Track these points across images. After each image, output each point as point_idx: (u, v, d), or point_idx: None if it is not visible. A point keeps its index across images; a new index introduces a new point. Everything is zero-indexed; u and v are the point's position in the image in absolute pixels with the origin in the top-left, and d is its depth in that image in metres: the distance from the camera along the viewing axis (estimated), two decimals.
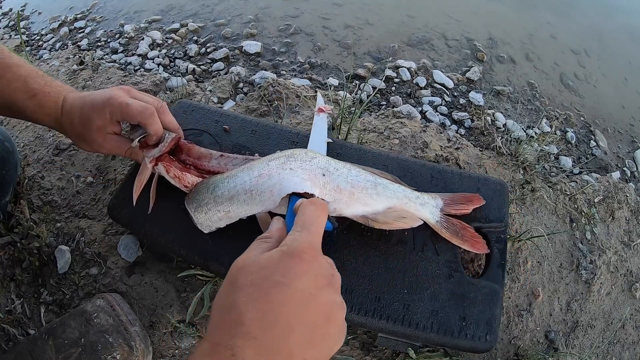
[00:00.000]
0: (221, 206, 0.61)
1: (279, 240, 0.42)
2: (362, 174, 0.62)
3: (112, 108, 0.60)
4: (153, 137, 0.63)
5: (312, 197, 0.53)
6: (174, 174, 0.65)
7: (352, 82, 1.23)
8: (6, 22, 1.61)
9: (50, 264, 0.76)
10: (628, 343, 0.82)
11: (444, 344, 0.60)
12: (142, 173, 0.64)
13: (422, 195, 0.64)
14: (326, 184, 0.59)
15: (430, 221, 0.63)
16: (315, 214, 0.41)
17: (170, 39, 1.39)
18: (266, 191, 0.59)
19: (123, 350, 0.63)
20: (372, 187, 0.61)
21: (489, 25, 1.57)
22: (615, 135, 1.29)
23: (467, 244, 0.63)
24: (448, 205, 0.65)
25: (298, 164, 0.60)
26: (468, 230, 0.64)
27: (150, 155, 0.63)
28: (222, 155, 0.68)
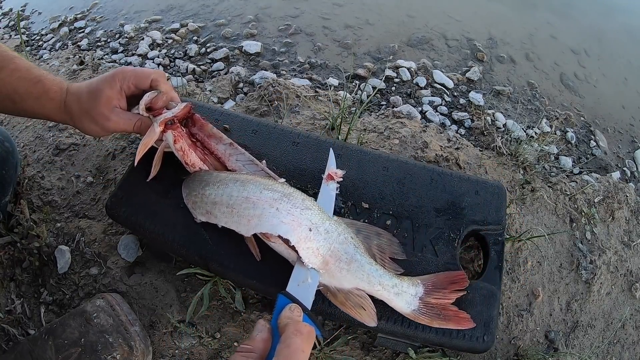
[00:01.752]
0: (205, 205, 0.61)
1: (262, 354, 0.40)
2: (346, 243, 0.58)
3: (123, 74, 0.60)
4: (163, 97, 0.61)
5: (296, 306, 0.46)
6: (181, 147, 0.63)
7: (352, 82, 1.23)
8: (6, 22, 1.61)
9: (50, 264, 0.76)
10: (628, 343, 0.82)
11: (443, 344, 0.61)
12: (149, 135, 0.61)
13: (402, 282, 0.58)
14: (308, 240, 0.56)
15: (405, 311, 0.58)
16: (300, 347, 0.39)
17: (170, 39, 1.39)
18: (244, 216, 0.58)
19: (123, 350, 0.63)
20: (345, 263, 0.57)
21: (489, 25, 1.57)
22: (615, 135, 1.29)
23: (451, 323, 0.58)
24: (429, 292, 0.59)
25: (287, 207, 0.57)
26: (449, 310, 0.59)
27: (161, 117, 0.61)
28: (231, 144, 0.67)
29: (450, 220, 0.69)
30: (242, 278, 0.63)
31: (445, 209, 0.70)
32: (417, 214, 0.69)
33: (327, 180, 0.67)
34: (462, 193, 0.72)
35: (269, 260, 0.62)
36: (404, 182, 0.72)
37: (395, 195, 0.71)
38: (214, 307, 0.73)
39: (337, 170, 0.69)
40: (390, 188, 0.72)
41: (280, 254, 0.60)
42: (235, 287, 0.72)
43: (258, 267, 0.62)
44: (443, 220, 0.69)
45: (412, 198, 0.71)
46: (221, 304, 0.73)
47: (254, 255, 0.61)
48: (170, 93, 0.62)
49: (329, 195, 0.66)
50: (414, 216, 0.68)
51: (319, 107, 1.04)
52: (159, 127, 0.61)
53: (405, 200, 0.70)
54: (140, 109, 0.62)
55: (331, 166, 0.69)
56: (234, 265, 0.63)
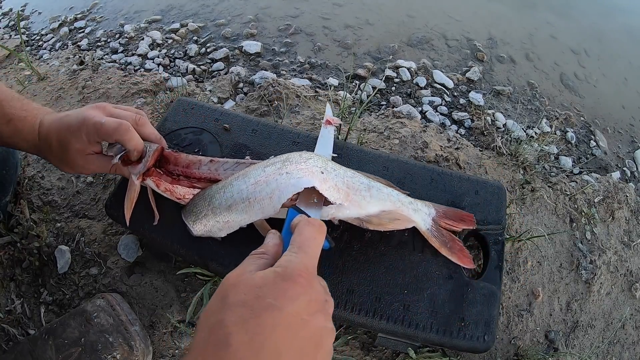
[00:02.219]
0: (220, 217, 0.60)
1: (274, 257, 0.41)
2: (357, 176, 0.62)
3: (87, 129, 0.58)
4: (134, 153, 0.61)
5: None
6: (165, 188, 0.64)
7: (352, 82, 1.23)
8: (6, 22, 1.61)
9: (50, 264, 0.76)
10: (628, 343, 0.82)
11: (443, 344, 0.61)
12: (131, 190, 0.62)
13: (416, 201, 0.64)
14: (325, 181, 0.58)
15: (422, 227, 0.64)
16: (312, 235, 0.40)
17: (170, 39, 1.39)
18: (265, 198, 0.58)
19: (123, 350, 0.63)
20: (365, 190, 0.61)
21: (489, 25, 1.57)
22: (615, 135, 1.29)
23: (454, 256, 0.63)
24: (441, 216, 0.65)
25: (294, 167, 0.59)
26: (457, 243, 0.64)
27: (136, 171, 0.62)
28: (211, 161, 0.66)
29: None
30: None
31: None
32: None
33: (326, 125, 0.76)
34: (462, 193, 0.72)
35: None
36: (404, 182, 0.72)
37: None
38: None
39: (334, 117, 0.78)
40: None
41: None
42: None
43: None
44: None
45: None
46: None
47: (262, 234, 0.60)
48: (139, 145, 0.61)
49: (328, 136, 0.74)
50: None
51: (319, 107, 1.04)
52: (137, 181, 0.62)
53: None
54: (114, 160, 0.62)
55: (328, 114, 0.79)
56: (234, 265, 0.62)
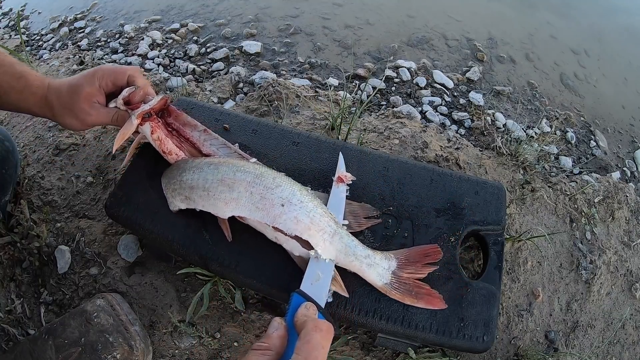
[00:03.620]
0: (183, 191, 0.63)
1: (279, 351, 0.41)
2: (325, 217, 0.60)
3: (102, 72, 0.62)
4: (140, 91, 0.64)
5: (311, 304, 0.48)
6: (158, 137, 0.66)
7: (352, 82, 1.23)
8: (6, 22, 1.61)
9: (50, 264, 0.76)
10: (628, 343, 0.82)
11: (443, 344, 0.61)
12: (127, 127, 0.64)
13: (374, 254, 0.60)
14: (283, 214, 0.59)
15: (377, 284, 0.59)
16: (320, 343, 0.40)
17: (170, 39, 1.39)
18: (220, 199, 0.61)
19: (123, 350, 0.63)
20: (329, 234, 0.59)
21: (489, 25, 1.57)
22: (615, 135, 1.29)
23: (421, 302, 0.59)
24: (402, 266, 0.60)
25: (260, 190, 0.60)
26: (422, 288, 0.60)
27: (138, 111, 0.64)
28: (205, 131, 0.70)
29: (450, 220, 0.69)
30: (242, 278, 0.63)
31: (445, 209, 0.70)
32: (417, 214, 0.69)
33: (337, 183, 0.68)
34: (462, 193, 0.72)
35: (269, 260, 0.63)
36: (404, 182, 0.72)
37: (395, 195, 0.71)
38: (214, 307, 0.73)
39: (346, 173, 0.70)
40: (390, 188, 0.72)
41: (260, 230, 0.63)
42: (235, 287, 0.72)
43: (258, 267, 0.62)
44: (443, 220, 0.69)
45: (412, 198, 0.71)
46: (221, 304, 0.73)
47: (226, 237, 0.63)
48: (146, 88, 0.65)
49: (339, 197, 0.67)
50: (414, 216, 0.69)
51: (319, 107, 1.04)
52: (136, 120, 0.64)
53: (405, 200, 0.70)
54: (118, 103, 0.65)
55: (341, 169, 0.71)
56: (234, 265, 0.63)
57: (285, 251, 0.62)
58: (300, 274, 0.57)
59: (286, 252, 0.62)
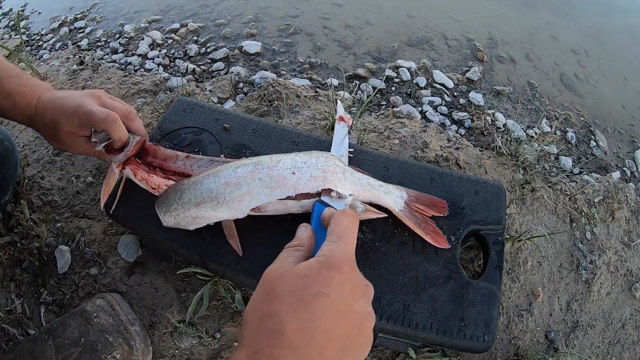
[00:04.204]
0: (189, 212, 0.61)
1: (309, 248, 0.43)
2: (331, 160, 0.64)
3: (79, 115, 0.63)
4: (117, 143, 0.65)
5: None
6: (141, 177, 0.67)
7: (352, 82, 1.23)
8: (6, 22, 1.61)
9: (50, 264, 0.76)
10: (628, 343, 0.82)
11: (443, 344, 0.61)
12: (109, 177, 0.67)
13: (387, 185, 0.66)
14: (299, 180, 0.61)
15: (394, 209, 0.65)
16: (349, 225, 0.42)
17: (170, 39, 1.39)
18: (234, 200, 0.60)
19: (123, 350, 0.63)
20: (341, 172, 0.63)
21: (489, 25, 1.57)
22: (615, 135, 1.29)
23: (429, 236, 0.65)
24: (412, 200, 0.67)
25: (266, 172, 0.61)
26: (430, 224, 0.66)
27: (116, 160, 0.66)
28: (187, 157, 0.70)
29: (451, 220, 0.69)
30: (242, 278, 0.63)
31: None
32: None
33: (339, 122, 0.80)
34: (462, 193, 0.72)
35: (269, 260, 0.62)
36: (404, 182, 0.72)
37: None
38: (214, 307, 0.73)
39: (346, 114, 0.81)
40: None
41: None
42: (235, 287, 0.72)
43: (258, 267, 0.62)
44: (443, 220, 0.69)
45: None
46: (221, 304, 0.73)
47: (237, 252, 0.63)
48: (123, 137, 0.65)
49: (342, 133, 0.77)
50: None
51: (319, 107, 1.04)
52: (117, 169, 0.66)
53: None
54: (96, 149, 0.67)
55: (340, 111, 0.83)
56: (234, 265, 0.63)
57: None
58: None
59: None
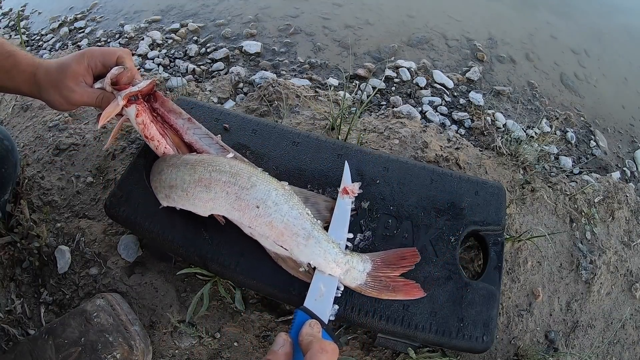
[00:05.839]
0: (164, 189, 0.65)
1: None
2: (301, 219, 0.59)
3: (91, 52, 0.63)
4: (128, 73, 0.64)
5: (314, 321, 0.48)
6: (143, 120, 0.66)
7: (352, 82, 1.23)
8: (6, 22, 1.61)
9: (50, 264, 0.76)
10: (628, 343, 0.82)
11: (442, 345, 0.61)
12: (112, 107, 0.64)
13: (352, 258, 0.59)
14: (258, 217, 0.59)
15: (350, 285, 0.59)
16: None
17: (170, 39, 1.39)
18: (199, 199, 0.62)
19: (123, 350, 0.63)
20: (304, 238, 0.59)
21: (489, 25, 1.57)
22: (615, 135, 1.29)
23: (400, 294, 0.59)
24: (377, 267, 0.60)
25: (235, 190, 0.61)
26: (398, 281, 0.60)
27: (125, 92, 0.64)
28: (189, 119, 0.71)
29: (450, 220, 0.69)
30: (242, 278, 0.63)
31: (445, 209, 0.70)
32: (417, 214, 0.69)
33: (343, 195, 0.67)
34: (462, 193, 0.72)
35: (269, 261, 0.63)
36: (404, 182, 0.72)
37: (395, 195, 0.71)
38: (214, 307, 0.73)
39: (353, 185, 0.68)
40: (390, 188, 0.72)
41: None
42: (235, 287, 0.72)
43: (258, 267, 0.62)
44: (443, 220, 0.69)
45: (412, 198, 0.71)
46: (221, 304, 0.73)
47: (219, 222, 0.64)
48: (134, 70, 0.65)
49: (344, 209, 0.66)
50: (414, 216, 0.68)
51: (319, 107, 1.04)
52: (122, 100, 0.64)
53: (405, 200, 0.70)
54: (105, 82, 0.64)
55: (346, 180, 0.69)
56: (234, 265, 0.63)
57: None
58: None
59: None
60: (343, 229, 0.64)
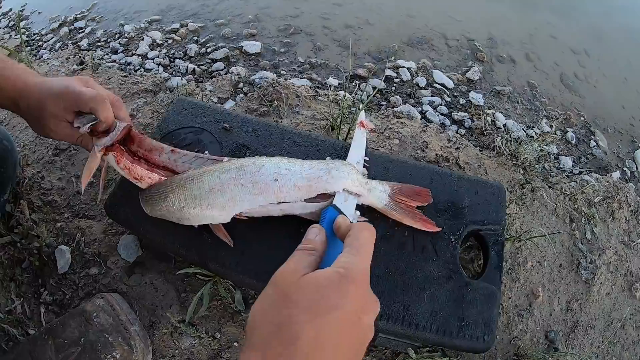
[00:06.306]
0: (173, 214, 0.62)
1: (322, 254, 0.44)
2: (314, 166, 0.63)
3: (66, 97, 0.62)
4: (103, 124, 0.63)
5: None
6: (124, 165, 0.64)
7: (352, 82, 1.23)
8: (6, 22, 1.61)
9: (50, 264, 0.76)
10: (628, 343, 0.82)
11: (443, 344, 0.61)
12: (91, 161, 0.63)
13: (371, 180, 0.66)
14: (282, 187, 0.60)
15: (377, 206, 0.65)
16: (369, 240, 0.43)
17: (170, 39, 1.39)
18: (217, 206, 0.60)
19: (123, 350, 0.63)
20: (326, 174, 0.63)
21: (489, 25, 1.57)
22: (615, 135, 1.29)
23: (418, 223, 0.65)
24: (396, 193, 0.67)
25: (248, 178, 0.61)
26: (417, 213, 0.66)
27: (100, 143, 0.63)
28: (172, 151, 0.69)
29: (450, 220, 0.69)
30: (242, 278, 0.63)
31: (445, 209, 0.70)
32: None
33: (360, 127, 0.77)
34: (462, 193, 0.72)
35: (269, 261, 0.62)
36: (404, 182, 0.72)
37: None
38: (214, 307, 0.73)
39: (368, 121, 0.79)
40: None
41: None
42: (235, 287, 0.72)
43: (258, 267, 0.62)
44: (443, 220, 0.68)
45: None
46: (221, 304, 0.73)
47: (227, 243, 0.63)
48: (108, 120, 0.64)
49: (361, 139, 0.75)
50: None
51: (319, 107, 1.04)
52: (99, 152, 0.63)
53: None
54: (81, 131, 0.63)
55: (362, 117, 0.79)
56: (234, 265, 0.63)
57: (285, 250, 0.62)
58: None
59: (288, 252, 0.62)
60: (360, 153, 0.71)
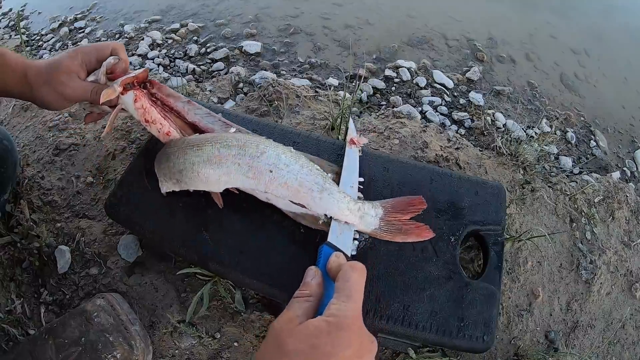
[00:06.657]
0: (173, 175, 0.64)
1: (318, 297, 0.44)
2: (312, 175, 0.62)
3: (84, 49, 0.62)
4: (123, 64, 0.63)
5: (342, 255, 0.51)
6: (142, 105, 0.65)
7: (352, 82, 1.23)
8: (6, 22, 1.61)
9: (50, 264, 0.76)
10: (628, 343, 0.82)
11: (443, 344, 0.61)
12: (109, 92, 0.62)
13: (364, 205, 0.63)
14: (273, 180, 0.61)
15: (366, 230, 0.63)
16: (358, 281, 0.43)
17: (170, 39, 1.39)
18: (212, 176, 0.62)
19: (123, 349, 0.63)
20: (318, 191, 0.61)
21: (489, 25, 1.57)
22: (615, 135, 1.29)
23: (412, 236, 0.64)
24: (388, 212, 0.64)
25: (246, 161, 0.61)
26: (409, 224, 0.64)
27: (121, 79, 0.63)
28: (189, 101, 0.70)
29: (450, 220, 0.69)
30: (242, 278, 0.63)
31: (445, 209, 0.70)
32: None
33: (350, 145, 0.74)
34: (462, 193, 0.72)
35: (269, 261, 0.63)
36: (404, 182, 0.72)
37: (395, 195, 0.71)
38: (214, 307, 0.73)
39: (359, 137, 0.75)
40: (390, 188, 0.72)
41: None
42: (235, 287, 0.72)
43: (258, 267, 0.62)
44: (443, 220, 0.68)
45: None
46: (221, 304, 0.73)
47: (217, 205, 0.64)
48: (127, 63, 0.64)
49: (353, 158, 0.72)
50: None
51: (319, 107, 1.04)
52: (119, 87, 0.63)
53: None
54: (100, 72, 0.63)
55: (352, 133, 0.76)
56: (234, 265, 0.63)
57: (286, 250, 0.62)
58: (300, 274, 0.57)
59: (287, 252, 0.62)
60: (353, 176, 0.68)
